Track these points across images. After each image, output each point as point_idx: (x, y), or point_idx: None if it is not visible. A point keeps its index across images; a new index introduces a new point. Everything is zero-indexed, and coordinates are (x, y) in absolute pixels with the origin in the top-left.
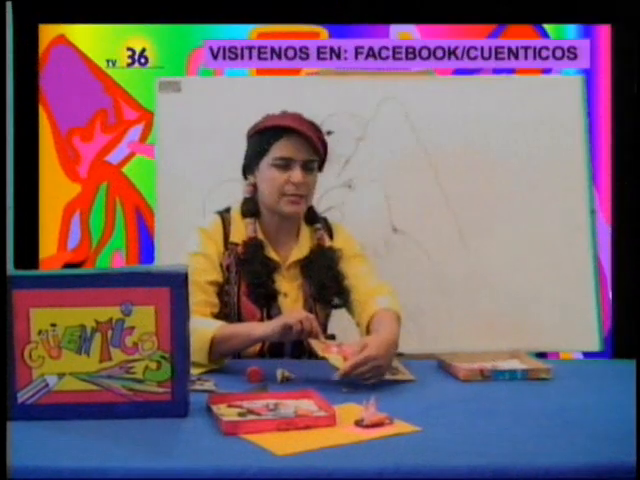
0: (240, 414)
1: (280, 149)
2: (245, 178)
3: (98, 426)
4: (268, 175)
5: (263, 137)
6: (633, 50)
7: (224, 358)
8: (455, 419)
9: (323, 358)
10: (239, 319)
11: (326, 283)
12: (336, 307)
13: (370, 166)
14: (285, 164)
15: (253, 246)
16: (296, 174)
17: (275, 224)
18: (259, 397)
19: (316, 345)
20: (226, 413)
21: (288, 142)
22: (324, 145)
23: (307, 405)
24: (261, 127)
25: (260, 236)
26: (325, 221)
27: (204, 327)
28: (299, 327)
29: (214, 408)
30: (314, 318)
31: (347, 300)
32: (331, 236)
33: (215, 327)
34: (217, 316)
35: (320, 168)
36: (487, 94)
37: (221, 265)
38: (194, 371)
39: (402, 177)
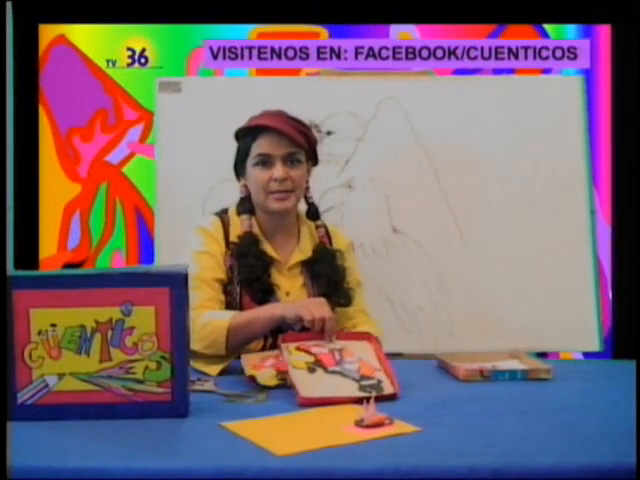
0: (309, 367)
1: (258, 147)
2: (238, 180)
3: (98, 426)
4: (252, 175)
5: (244, 139)
6: (633, 50)
7: (242, 347)
8: (455, 419)
9: (251, 377)
10: None
11: (332, 278)
12: (342, 305)
13: (370, 166)
14: (265, 161)
15: (247, 240)
16: (277, 170)
17: (272, 223)
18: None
19: (246, 361)
20: (296, 364)
21: (264, 139)
22: (306, 137)
23: (368, 356)
24: (240, 130)
25: (257, 231)
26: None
27: (219, 319)
28: (310, 325)
29: (285, 350)
30: (330, 319)
31: (352, 299)
32: (330, 242)
33: (230, 316)
34: None
35: (314, 161)
36: (487, 94)
37: (225, 264)
38: (212, 371)
39: (402, 177)
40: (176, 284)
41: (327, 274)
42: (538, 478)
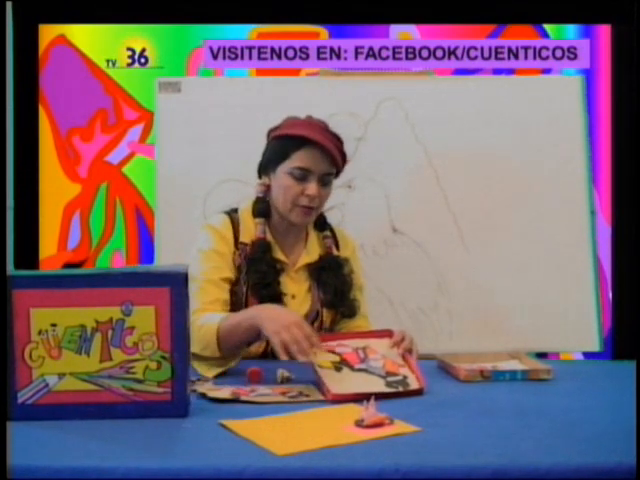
0: (335, 366)
1: (299, 159)
2: (259, 177)
3: (98, 426)
4: (284, 182)
5: (285, 143)
6: (633, 50)
7: (238, 350)
8: (455, 419)
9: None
10: None
11: (339, 289)
12: (346, 317)
13: (370, 166)
14: (302, 175)
15: (261, 247)
16: (312, 187)
17: (284, 227)
18: (347, 337)
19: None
20: (323, 363)
21: (308, 153)
22: (344, 158)
23: (391, 353)
24: (285, 133)
25: (269, 237)
26: (331, 229)
27: (211, 322)
28: (277, 349)
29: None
30: (298, 342)
31: (356, 312)
32: (337, 245)
33: (219, 319)
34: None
35: (336, 177)
36: (487, 94)
37: (234, 263)
38: (209, 374)
39: (402, 177)
40: (176, 284)
41: (334, 284)
42: (538, 478)
